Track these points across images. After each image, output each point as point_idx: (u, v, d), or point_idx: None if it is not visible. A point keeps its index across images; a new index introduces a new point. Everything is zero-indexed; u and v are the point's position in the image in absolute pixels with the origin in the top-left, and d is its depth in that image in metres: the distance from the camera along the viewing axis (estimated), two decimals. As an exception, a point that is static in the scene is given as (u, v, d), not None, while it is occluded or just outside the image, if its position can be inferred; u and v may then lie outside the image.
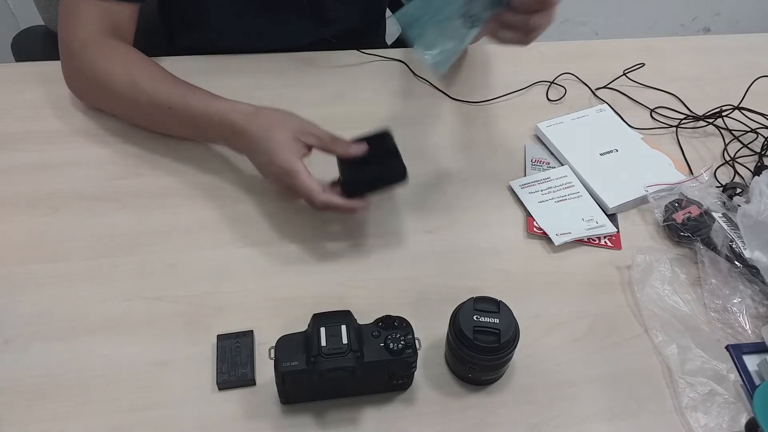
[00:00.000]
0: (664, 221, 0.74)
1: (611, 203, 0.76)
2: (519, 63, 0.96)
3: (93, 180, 0.75)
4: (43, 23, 1.04)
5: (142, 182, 0.76)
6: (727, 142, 0.86)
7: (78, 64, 0.77)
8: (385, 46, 1.12)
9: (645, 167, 0.81)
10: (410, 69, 0.93)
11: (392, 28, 1.18)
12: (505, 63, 0.96)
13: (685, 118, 0.89)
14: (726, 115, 0.89)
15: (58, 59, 0.88)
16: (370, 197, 0.70)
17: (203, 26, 0.92)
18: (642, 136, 0.86)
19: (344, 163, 0.69)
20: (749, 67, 0.98)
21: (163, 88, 0.74)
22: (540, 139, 0.85)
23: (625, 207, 0.77)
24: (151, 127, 0.79)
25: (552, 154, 0.84)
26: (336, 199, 0.67)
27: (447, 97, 0.90)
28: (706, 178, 0.78)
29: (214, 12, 0.90)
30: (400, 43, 1.23)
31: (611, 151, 0.83)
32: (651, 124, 0.89)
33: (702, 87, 0.94)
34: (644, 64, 0.96)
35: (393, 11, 1.23)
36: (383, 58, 0.94)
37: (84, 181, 0.75)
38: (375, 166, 0.69)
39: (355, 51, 0.94)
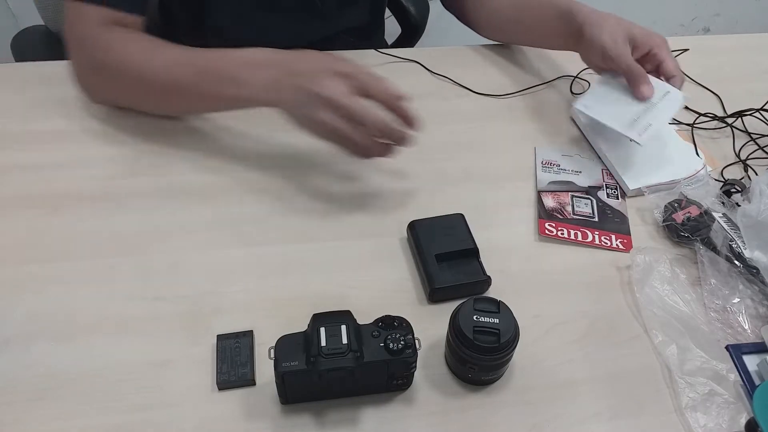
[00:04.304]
0: (664, 221, 0.74)
1: (632, 185, 0.78)
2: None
3: (93, 180, 0.75)
4: (42, 23, 1.04)
5: (142, 182, 0.76)
6: (742, 144, 0.86)
7: (89, 53, 0.75)
8: (385, 44, 1.12)
9: (676, 157, 0.83)
10: (425, 68, 0.93)
11: (391, 28, 1.18)
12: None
13: (698, 117, 0.89)
14: (750, 115, 0.89)
15: (58, 59, 0.88)
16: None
17: (205, 29, 0.92)
18: (677, 128, 0.87)
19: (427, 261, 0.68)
20: (749, 67, 0.98)
21: (181, 50, 0.73)
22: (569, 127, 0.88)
23: (652, 191, 0.78)
24: (166, 103, 0.78)
25: (582, 134, 0.86)
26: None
27: (468, 92, 0.90)
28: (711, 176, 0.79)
29: (216, 16, 0.90)
30: (401, 42, 1.24)
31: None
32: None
33: (702, 87, 0.95)
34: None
35: (392, 10, 1.24)
36: (397, 59, 0.95)
37: (84, 181, 0.75)
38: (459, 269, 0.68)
39: (370, 51, 0.95)
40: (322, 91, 0.65)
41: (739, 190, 0.77)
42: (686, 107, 0.90)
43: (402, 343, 0.55)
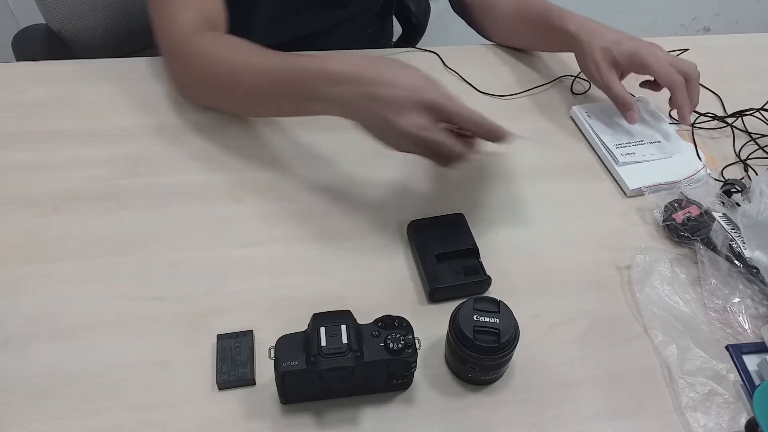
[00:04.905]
0: (664, 221, 0.74)
1: (632, 185, 0.79)
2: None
3: (93, 180, 0.75)
4: (43, 22, 1.04)
5: (142, 182, 0.76)
6: (742, 144, 0.86)
7: (189, 63, 0.78)
8: (391, 35, 1.14)
9: (676, 157, 0.83)
10: (441, 60, 0.95)
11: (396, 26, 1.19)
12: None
13: (698, 117, 0.89)
14: (750, 115, 0.89)
15: (59, 58, 0.88)
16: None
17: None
18: (677, 128, 0.87)
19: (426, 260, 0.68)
20: (749, 67, 0.98)
21: (266, 57, 0.73)
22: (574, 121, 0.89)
23: (652, 191, 0.78)
24: (260, 110, 0.80)
25: (584, 136, 0.87)
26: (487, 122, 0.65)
27: (475, 90, 0.91)
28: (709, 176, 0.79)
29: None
30: (402, 42, 1.24)
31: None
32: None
33: (702, 87, 0.94)
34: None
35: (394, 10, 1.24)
36: (417, 49, 0.96)
37: (84, 181, 0.75)
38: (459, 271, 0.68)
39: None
40: (402, 126, 0.63)
41: (739, 190, 0.77)
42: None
43: (402, 342, 0.55)
